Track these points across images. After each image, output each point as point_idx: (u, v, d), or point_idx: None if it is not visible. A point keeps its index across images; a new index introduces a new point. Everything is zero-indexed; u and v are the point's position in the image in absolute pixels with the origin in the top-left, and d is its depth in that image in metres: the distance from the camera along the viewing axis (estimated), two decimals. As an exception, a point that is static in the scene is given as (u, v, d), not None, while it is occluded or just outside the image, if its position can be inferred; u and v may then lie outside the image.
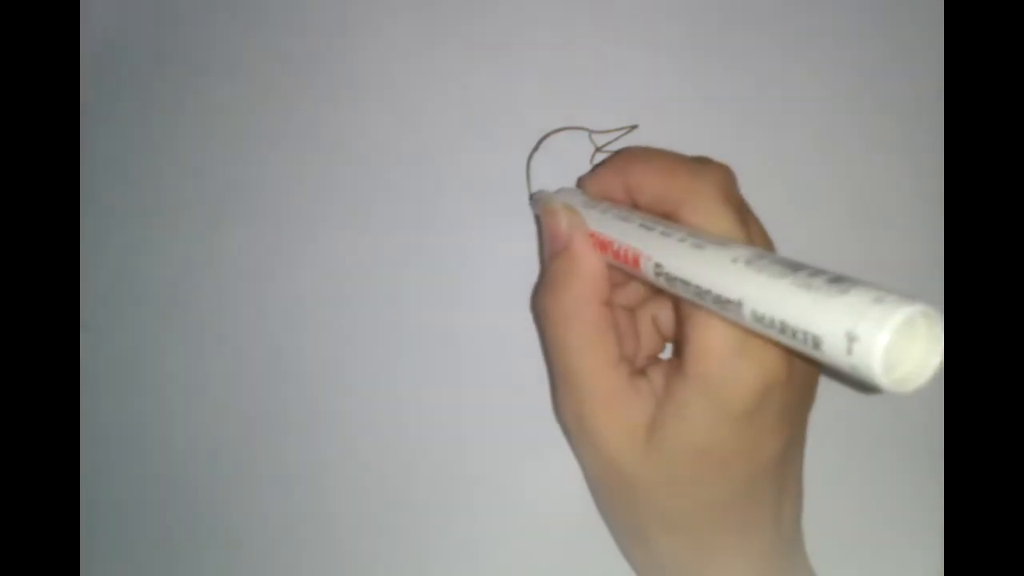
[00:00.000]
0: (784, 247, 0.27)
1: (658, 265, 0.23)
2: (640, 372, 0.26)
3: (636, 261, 0.24)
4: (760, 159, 0.34)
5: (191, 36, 0.34)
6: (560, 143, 0.33)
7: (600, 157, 0.33)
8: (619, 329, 0.27)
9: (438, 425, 0.32)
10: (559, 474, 0.31)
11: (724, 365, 0.23)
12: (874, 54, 0.35)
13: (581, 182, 0.29)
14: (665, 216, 0.25)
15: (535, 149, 0.33)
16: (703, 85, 0.34)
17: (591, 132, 0.33)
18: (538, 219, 0.31)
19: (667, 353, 0.31)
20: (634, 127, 0.33)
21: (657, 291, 0.27)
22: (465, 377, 0.32)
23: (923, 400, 0.33)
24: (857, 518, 0.33)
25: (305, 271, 0.33)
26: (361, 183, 0.33)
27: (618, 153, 0.29)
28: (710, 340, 0.23)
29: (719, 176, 0.25)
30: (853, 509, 0.32)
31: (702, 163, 0.26)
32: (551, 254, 0.28)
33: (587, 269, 0.26)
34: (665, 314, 0.29)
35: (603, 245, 0.26)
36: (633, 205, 0.27)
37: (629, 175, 0.27)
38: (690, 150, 0.29)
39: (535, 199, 0.31)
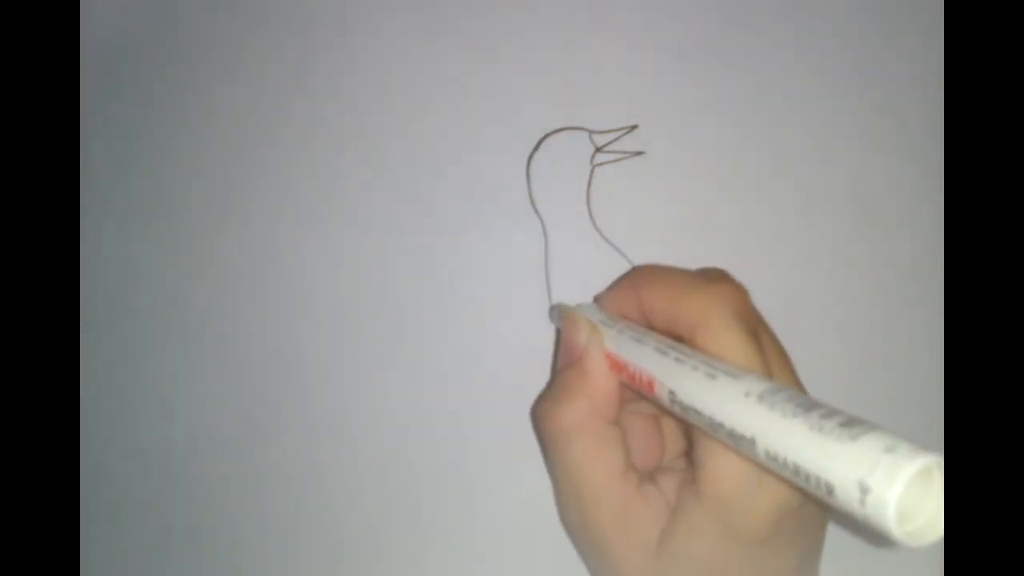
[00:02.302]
0: (786, 247, 0.27)
1: (672, 392, 0.23)
2: (649, 478, 0.26)
3: (651, 386, 0.24)
4: (760, 159, 0.34)
5: (191, 36, 0.34)
6: (560, 143, 0.33)
7: (600, 157, 0.33)
8: (629, 441, 0.27)
9: (438, 425, 0.32)
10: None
11: (739, 493, 0.23)
12: (874, 54, 0.35)
13: (598, 299, 0.29)
14: (680, 339, 0.25)
15: (535, 149, 0.33)
16: (703, 85, 0.34)
17: (591, 132, 0.33)
18: (558, 332, 0.30)
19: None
20: (634, 127, 0.33)
21: None
22: (465, 377, 0.32)
23: (922, 402, 0.33)
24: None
25: (304, 271, 0.33)
26: (361, 183, 0.33)
27: (632, 271, 0.28)
28: (725, 466, 0.23)
29: (731, 298, 0.24)
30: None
31: (714, 282, 0.25)
32: (563, 364, 0.27)
33: (596, 386, 0.26)
34: None
35: (619, 367, 0.26)
36: (649, 325, 0.26)
37: (642, 295, 0.26)
38: (690, 150, 0.29)
39: (555, 310, 0.31)
